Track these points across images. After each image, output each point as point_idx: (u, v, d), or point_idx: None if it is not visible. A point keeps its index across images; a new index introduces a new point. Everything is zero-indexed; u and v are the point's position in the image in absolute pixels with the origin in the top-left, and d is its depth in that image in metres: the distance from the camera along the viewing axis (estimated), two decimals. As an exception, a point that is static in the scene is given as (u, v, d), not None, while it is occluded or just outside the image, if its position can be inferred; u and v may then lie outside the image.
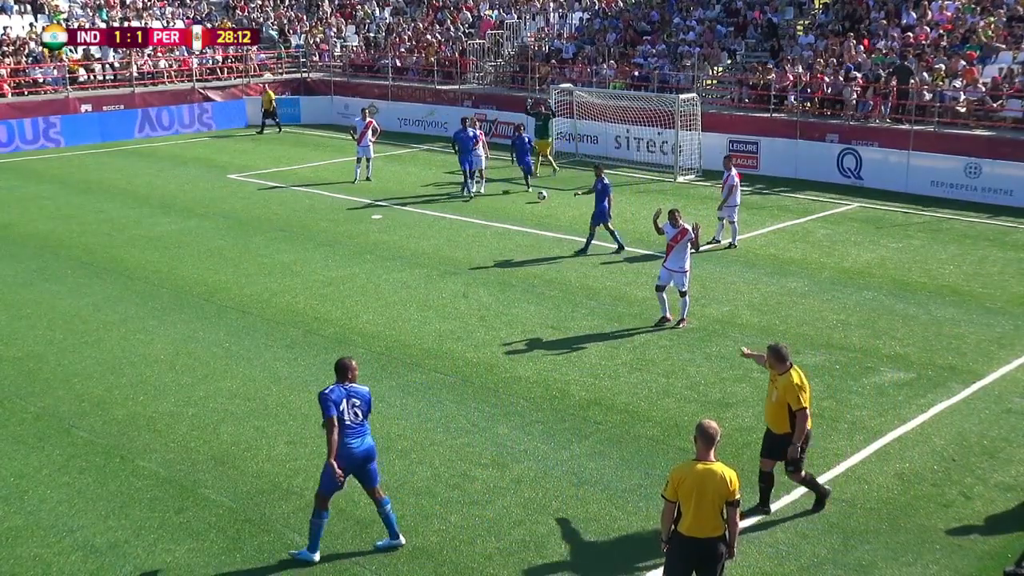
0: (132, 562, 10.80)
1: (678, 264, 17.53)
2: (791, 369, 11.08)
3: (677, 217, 17.59)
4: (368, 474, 10.73)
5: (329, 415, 10.44)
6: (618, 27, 40.72)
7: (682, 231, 17.40)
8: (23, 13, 44.93)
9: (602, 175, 22.60)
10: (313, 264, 21.71)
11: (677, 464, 9.22)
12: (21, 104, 38.85)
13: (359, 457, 10.57)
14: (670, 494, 8.92)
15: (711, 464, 8.89)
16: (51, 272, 21.51)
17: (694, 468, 8.87)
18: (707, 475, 8.82)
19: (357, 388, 10.66)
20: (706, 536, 8.88)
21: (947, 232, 24.32)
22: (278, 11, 52.79)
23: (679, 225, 17.47)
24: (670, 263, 17.63)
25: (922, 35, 32.70)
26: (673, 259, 17.56)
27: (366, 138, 30.67)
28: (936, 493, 12.10)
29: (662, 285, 17.75)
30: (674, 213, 17.65)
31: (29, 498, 12.16)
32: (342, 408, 10.47)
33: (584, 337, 17.27)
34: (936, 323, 17.88)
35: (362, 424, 10.59)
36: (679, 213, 17.67)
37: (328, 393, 10.53)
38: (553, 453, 13.18)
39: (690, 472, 8.85)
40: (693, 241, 17.46)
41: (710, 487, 8.79)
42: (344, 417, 10.47)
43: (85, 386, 15.44)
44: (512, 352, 16.62)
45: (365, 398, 10.64)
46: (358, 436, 10.55)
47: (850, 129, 30.77)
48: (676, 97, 31.58)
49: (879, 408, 14.41)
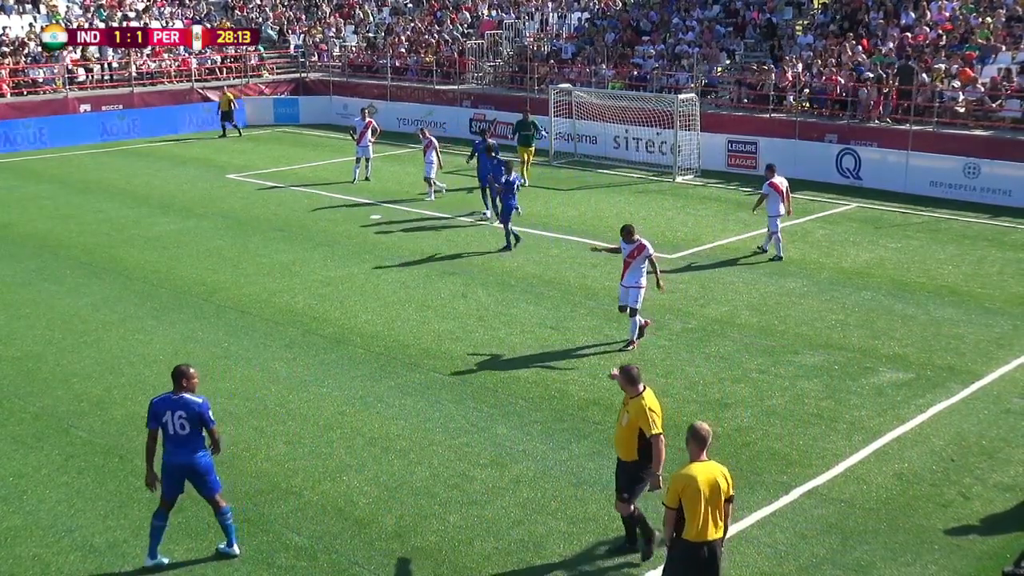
0: (131, 562, 10.80)
1: (633, 279, 16.61)
2: (644, 392, 10.39)
3: (632, 232, 16.65)
4: (200, 485, 10.48)
5: (149, 427, 10.27)
6: (617, 27, 40.72)
7: (638, 247, 16.50)
8: (22, 13, 44.88)
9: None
10: (312, 264, 21.71)
11: (675, 471, 9.04)
12: (20, 104, 38.84)
13: (176, 470, 10.31)
14: (672, 501, 8.80)
15: (709, 464, 8.87)
16: (50, 272, 21.50)
17: (696, 471, 8.81)
18: (710, 475, 8.80)
19: (189, 399, 10.24)
20: (712, 539, 8.83)
21: (946, 232, 24.33)
22: (277, 11, 52.78)
23: (634, 240, 16.56)
24: (626, 279, 16.72)
25: (921, 35, 32.71)
26: (629, 275, 16.66)
27: (365, 138, 30.67)
28: (935, 493, 12.11)
29: (624, 305, 16.90)
30: (628, 229, 16.74)
31: (28, 498, 12.16)
32: (165, 419, 10.17)
33: (583, 337, 17.27)
34: (935, 323, 17.88)
35: (188, 437, 10.20)
36: (634, 228, 16.74)
37: (154, 402, 10.30)
38: (552, 453, 13.18)
39: (694, 475, 8.77)
40: (651, 259, 16.56)
41: (715, 487, 8.77)
42: (168, 428, 10.18)
43: (84, 386, 15.43)
44: (511, 352, 16.62)
45: (194, 410, 10.17)
46: (180, 448, 10.22)
47: (849, 129, 30.78)
48: (675, 97, 31.59)
49: (878, 408, 14.41)
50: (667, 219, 25.73)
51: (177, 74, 44.06)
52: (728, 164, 32.00)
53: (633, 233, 16.65)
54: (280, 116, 43.64)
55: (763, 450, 13.18)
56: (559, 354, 16.50)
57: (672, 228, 24.74)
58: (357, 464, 12.88)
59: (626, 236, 16.69)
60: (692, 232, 24.30)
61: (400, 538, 11.21)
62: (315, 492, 12.20)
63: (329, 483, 12.41)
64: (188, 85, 43.12)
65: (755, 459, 12.95)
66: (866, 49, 33.02)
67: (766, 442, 13.39)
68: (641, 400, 10.30)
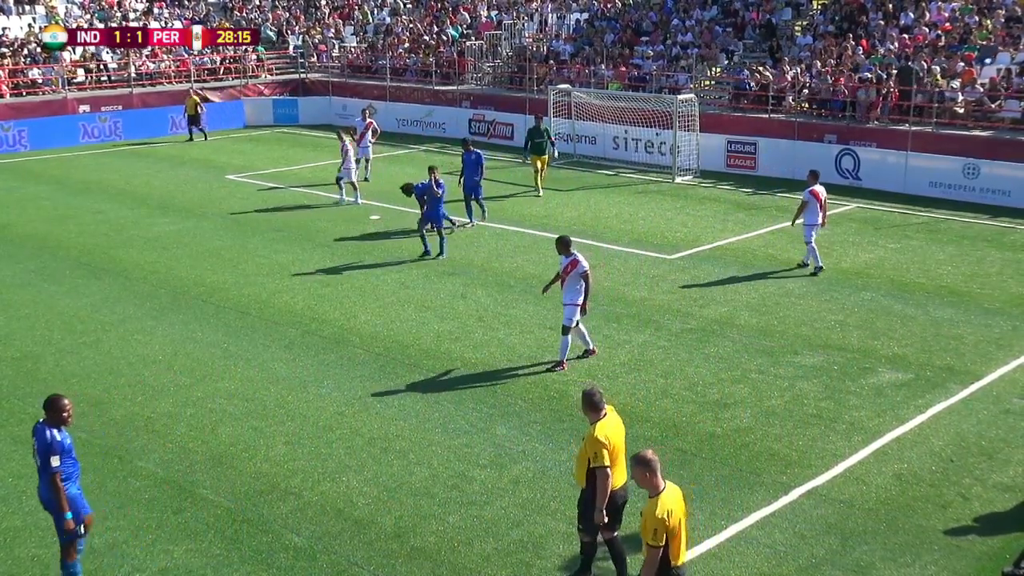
0: (130, 562, 10.80)
1: (568, 297, 15.63)
2: (602, 419, 9.74)
3: (567, 246, 15.69)
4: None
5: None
6: (616, 28, 40.73)
7: (572, 261, 15.57)
8: (21, 14, 44.88)
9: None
10: (311, 264, 21.70)
11: (649, 509, 8.22)
12: (19, 105, 38.84)
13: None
14: (659, 539, 8.14)
15: (672, 488, 8.37)
16: (49, 272, 21.50)
17: (671, 501, 8.25)
18: (680, 500, 8.36)
19: (42, 431, 9.70)
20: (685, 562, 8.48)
21: (945, 232, 24.34)
22: (276, 12, 52.78)
23: (571, 254, 15.64)
24: (563, 296, 15.82)
25: (920, 36, 32.72)
26: (565, 292, 15.71)
27: (365, 139, 30.68)
28: (934, 494, 12.11)
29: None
30: (564, 240, 15.78)
31: (27, 499, 12.13)
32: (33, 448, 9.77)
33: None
34: (934, 324, 17.89)
35: (40, 470, 9.73)
36: (570, 241, 15.80)
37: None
38: (551, 454, 13.18)
39: (672, 508, 8.23)
40: (584, 276, 15.52)
41: (684, 510, 8.42)
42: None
43: (83, 386, 15.43)
44: (510, 353, 16.61)
45: (37, 445, 9.68)
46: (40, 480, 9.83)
47: (848, 130, 30.78)
48: (674, 98, 31.59)
49: (877, 409, 14.41)
50: (666, 220, 25.74)
51: (176, 75, 44.06)
52: (727, 165, 32.00)
53: (569, 246, 15.70)
54: (280, 117, 43.63)
55: (762, 451, 13.18)
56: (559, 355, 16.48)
57: (671, 228, 24.74)
58: (356, 465, 12.88)
59: (562, 249, 15.76)
60: (691, 233, 24.30)
61: (399, 538, 11.21)
62: (314, 492, 12.20)
63: (328, 483, 12.41)
64: (187, 86, 43.09)
65: (754, 459, 12.95)
66: (865, 50, 33.02)
67: (765, 442, 13.40)
68: (593, 429, 9.68)
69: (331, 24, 50.73)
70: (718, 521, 11.49)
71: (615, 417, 9.95)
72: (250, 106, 43.55)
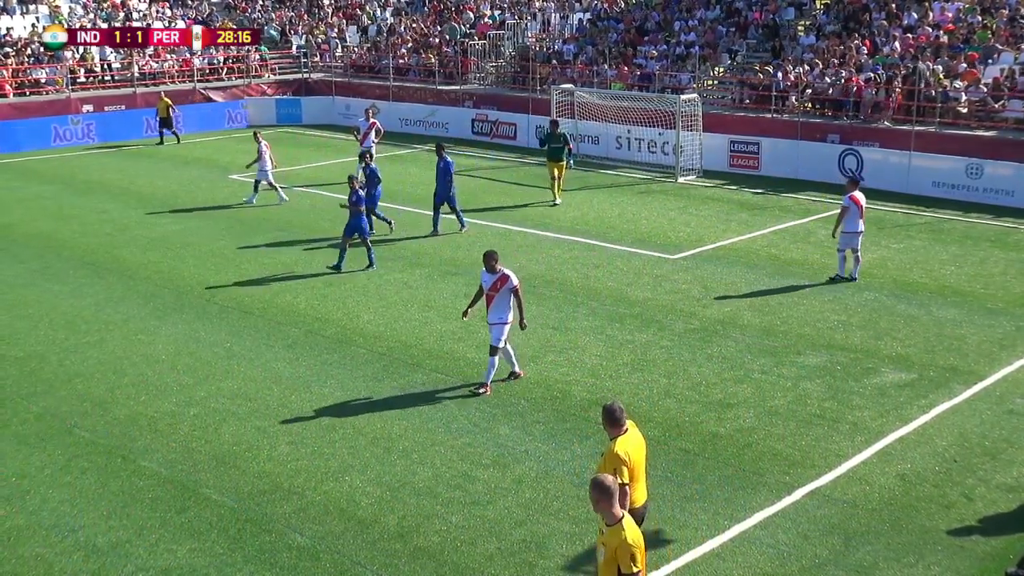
0: (134, 562, 10.81)
1: (497, 315, 14.72)
2: (620, 436, 9.35)
3: (494, 262, 14.74)
4: None
5: None
6: (619, 28, 40.73)
7: (501, 278, 14.66)
8: (25, 14, 44.95)
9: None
10: (314, 264, 21.71)
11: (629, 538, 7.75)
12: (23, 104, 38.88)
13: None
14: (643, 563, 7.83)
15: (629, 518, 7.94)
16: (53, 272, 21.52)
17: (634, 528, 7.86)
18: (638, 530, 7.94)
19: None
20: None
21: (948, 233, 24.32)
22: (279, 11, 52.81)
23: (497, 271, 14.72)
24: (491, 315, 14.81)
25: (923, 36, 32.69)
26: (492, 311, 14.76)
27: (369, 139, 30.70)
28: (938, 494, 12.10)
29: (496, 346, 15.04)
30: (490, 257, 14.76)
31: (31, 498, 12.17)
32: None
33: (585, 337, 17.27)
34: (938, 324, 17.88)
35: None
36: (496, 256, 14.84)
37: None
38: (554, 453, 13.18)
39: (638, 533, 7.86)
40: (515, 291, 14.66)
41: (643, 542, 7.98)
42: None
43: (87, 386, 15.45)
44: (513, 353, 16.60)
45: None
46: None
47: (851, 130, 30.76)
48: (677, 98, 31.59)
49: (880, 409, 14.40)
50: (669, 219, 25.74)
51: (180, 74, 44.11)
52: (730, 164, 31.99)
53: (497, 261, 14.79)
54: (283, 116, 43.65)
55: (765, 451, 13.18)
56: (561, 355, 16.49)
57: (674, 228, 24.74)
58: (359, 464, 12.89)
59: (487, 265, 14.80)
60: (694, 232, 24.30)
61: (403, 538, 11.21)
62: (318, 492, 12.21)
63: (332, 483, 12.42)
64: (190, 85, 43.15)
65: (757, 460, 12.95)
66: (868, 50, 33.00)
67: (768, 443, 13.39)
68: (613, 444, 9.31)
69: (334, 24, 50.77)
70: (721, 521, 11.49)
71: (636, 433, 9.56)
72: (253, 106, 43.58)
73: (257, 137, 28.33)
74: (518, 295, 14.78)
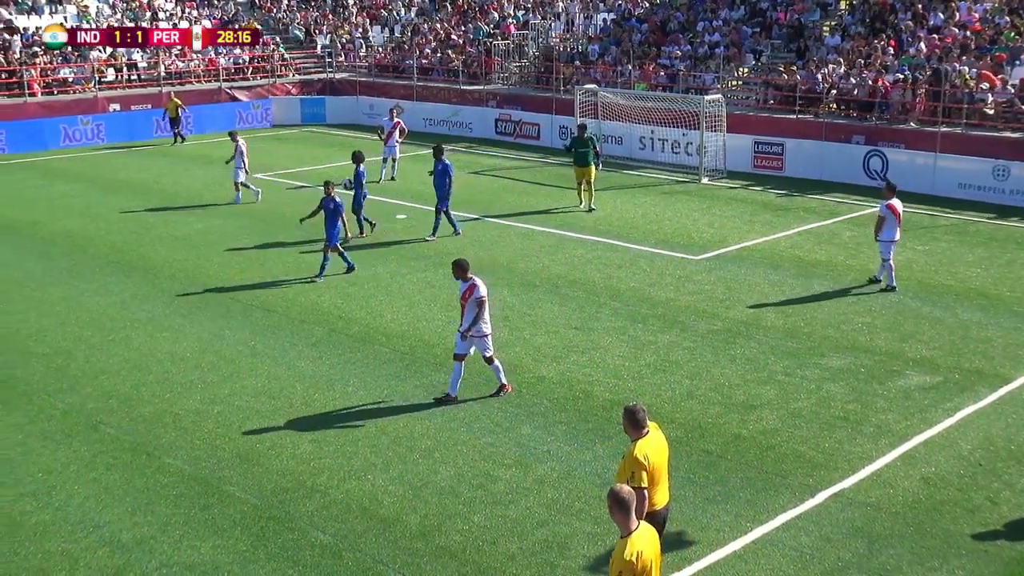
0: (158, 558, 10.89)
1: (476, 328, 14.33)
2: (641, 439, 9.27)
3: (464, 269, 14.35)
4: None
5: None
6: (643, 28, 40.66)
7: (471, 286, 14.26)
8: (53, 13, 45.30)
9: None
10: (337, 263, 21.77)
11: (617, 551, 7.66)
12: (51, 103, 39.20)
13: None
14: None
15: (643, 528, 7.82)
16: (79, 270, 21.69)
17: (640, 543, 7.66)
18: (654, 542, 7.82)
19: None
20: None
21: (974, 235, 24.15)
22: (304, 11, 53.01)
23: (468, 278, 14.33)
24: (464, 326, 14.39)
25: (949, 37, 32.47)
26: (467, 322, 14.36)
27: (393, 138, 30.80)
28: (962, 498, 12.03)
29: (460, 354, 14.55)
30: (459, 264, 14.40)
31: (57, 494, 12.28)
32: None
33: (608, 338, 17.26)
34: (963, 326, 17.76)
35: None
36: (467, 264, 14.42)
37: None
38: (576, 454, 13.18)
39: (642, 549, 7.65)
40: (480, 301, 14.17)
41: (657, 552, 7.89)
42: None
43: (112, 383, 15.57)
44: (535, 353, 16.62)
45: None
46: None
47: (876, 131, 30.60)
48: (701, 98, 31.51)
49: (905, 412, 14.33)
50: (692, 220, 25.68)
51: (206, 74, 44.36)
52: (754, 165, 31.90)
53: (466, 270, 14.34)
54: (307, 116, 43.85)
55: (788, 452, 13.13)
56: (584, 355, 16.49)
57: (698, 229, 24.68)
58: (382, 463, 12.93)
59: (455, 274, 14.47)
60: (718, 233, 24.24)
61: (424, 537, 11.24)
62: (340, 490, 12.26)
63: (354, 481, 12.46)
64: (216, 85, 43.37)
65: (780, 461, 12.91)
66: (894, 50, 32.81)
67: (791, 444, 13.35)
68: (633, 447, 9.22)
69: (359, 24, 50.91)
70: (743, 523, 11.46)
71: (658, 435, 9.47)
72: (278, 105, 43.79)
73: (234, 137, 28.39)
74: (482, 307, 14.20)
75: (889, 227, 19.39)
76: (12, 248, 23.62)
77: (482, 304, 14.22)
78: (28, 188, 30.44)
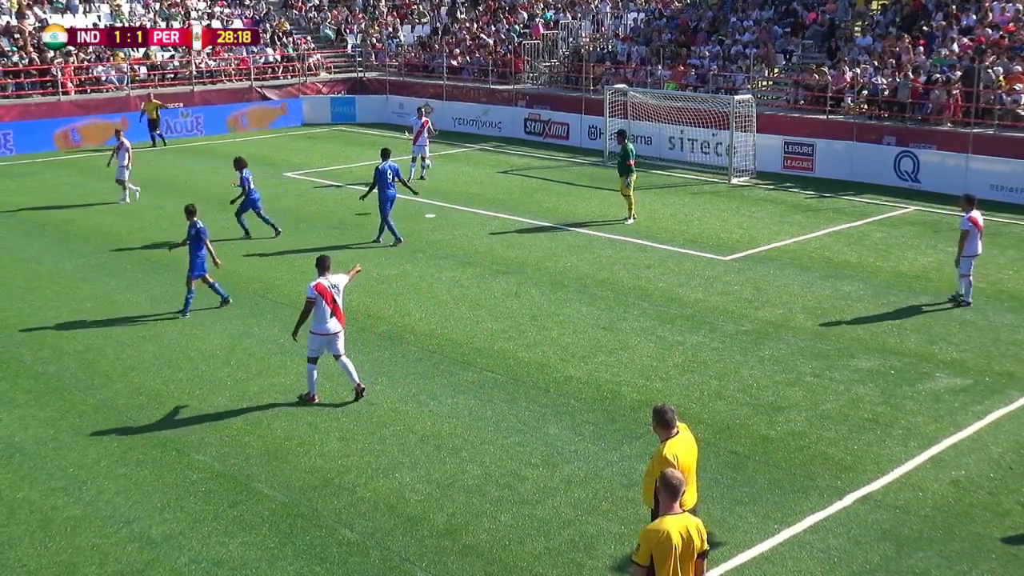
0: (187, 554, 10.98)
1: (326, 326, 14.45)
2: (671, 439, 9.28)
3: (324, 270, 14.47)
4: None
5: None
6: (673, 28, 40.55)
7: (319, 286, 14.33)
8: (87, 12, 45.71)
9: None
10: (367, 262, 21.83)
11: (646, 526, 8.06)
12: (84, 102, 39.55)
13: None
14: (643, 558, 7.80)
15: (682, 516, 7.97)
16: (111, 267, 21.89)
17: (669, 524, 7.85)
18: (684, 529, 7.90)
19: None
20: None
21: (1006, 237, 23.93)
22: (335, 10, 53.24)
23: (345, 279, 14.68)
24: (316, 324, 14.41)
25: (982, 37, 32.18)
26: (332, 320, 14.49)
27: (422, 137, 30.88)
28: (992, 501, 11.93)
29: (314, 357, 14.62)
30: (322, 261, 14.60)
31: (87, 489, 12.40)
32: None
33: (636, 338, 17.24)
34: (994, 329, 17.61)
35: None
36: (328, 261, 14.65)
37: None
38: (604, 454, 13.18)
39: (666, 530, 7.82)
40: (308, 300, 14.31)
41: (688, 542, 7.90)
42: None
43: (143, 379, 15.70)
44: (563, 352, 16.62)
45: None
46: None
47: (907, 132, 30.37)
48: (731, 98, 31.39)
49: (935, 414, 14.22)
50: (722, 221, 25.59)
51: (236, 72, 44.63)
52: (784, 166, 31.75)
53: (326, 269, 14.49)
54: (337, 115, 44.06)
55: (817, 454, 13.07)
56: (612, 355, 16.48)
57: (727, 230, 24.60)
58: (409, 461, 12.98)
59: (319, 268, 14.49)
60: (747, 234, 24.14)
61: (451, 535, 11.27)
62: (367, 488, 12.31)
63: (381, 480, 12.51)
64: (247, 84, 43.64)
65: (809, 463, 12.85)
66: (925, 51, 32.55)
67: (820, 447, 13.28)
68: (662, 447, 9.24)
69: (389, 23, 51.07)
70: (771, 525, 11.42)
71: (688, 436, 9.43)
72: (308, 104, 44.01)
73: (119, 135, 28.37)
74: (306, 306, 14.36)
75: (972, 241, 18.56)
76: (45, 245, 23.86)
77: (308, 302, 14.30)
78: (64, 186, 30.73)
